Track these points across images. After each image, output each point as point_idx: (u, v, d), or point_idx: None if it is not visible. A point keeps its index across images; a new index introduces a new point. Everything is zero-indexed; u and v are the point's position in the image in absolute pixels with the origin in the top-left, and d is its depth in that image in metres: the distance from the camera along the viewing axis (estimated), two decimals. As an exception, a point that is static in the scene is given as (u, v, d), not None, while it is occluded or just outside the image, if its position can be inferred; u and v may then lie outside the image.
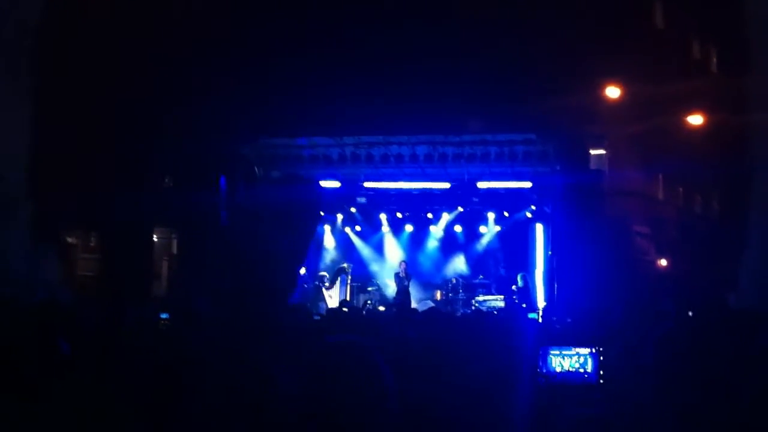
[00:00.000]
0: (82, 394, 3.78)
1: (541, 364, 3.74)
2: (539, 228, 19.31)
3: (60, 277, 16.00)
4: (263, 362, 3.86)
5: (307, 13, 16.74)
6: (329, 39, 16.43)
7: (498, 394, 3.26)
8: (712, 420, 2.90)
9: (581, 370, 3.79)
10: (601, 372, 3.77)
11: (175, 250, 20.59)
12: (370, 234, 21.41)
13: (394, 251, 21.17)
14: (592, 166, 18.56)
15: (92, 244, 19.59)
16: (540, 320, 12.83)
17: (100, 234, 18.92)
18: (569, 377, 3.78)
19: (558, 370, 3.78)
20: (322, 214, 20.54)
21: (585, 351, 3.80)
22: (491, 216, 20.35)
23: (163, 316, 8.03)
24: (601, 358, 3.76)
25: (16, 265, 14.47)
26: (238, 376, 3.64)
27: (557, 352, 3.78)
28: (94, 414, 3.70)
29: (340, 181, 19.44)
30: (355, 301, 19.46)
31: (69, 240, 18.80)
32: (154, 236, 19.63)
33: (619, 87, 18.99)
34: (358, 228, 21.38)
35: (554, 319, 12.55)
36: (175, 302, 13.68)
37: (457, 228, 20.78)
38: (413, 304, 18.54)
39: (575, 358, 3.81)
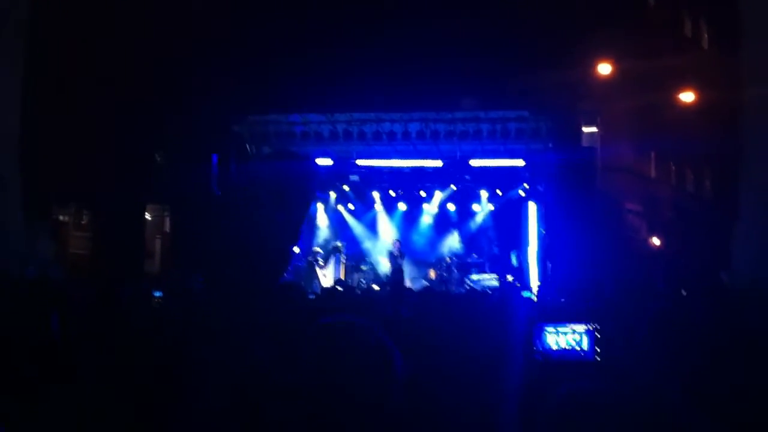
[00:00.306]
0: (73, 374, 3.77)
1: (536, 341, 3.74)
2: (532, 206, 19.31)
3: (52, 255, 15.96)
4: (257, 342, 3.84)
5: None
6: (321, 16, 16.33)
7: (494, 372, 3.26)
8: (709, 393, 2.90)
9: (577, 348, 3.80)
10: (597, 349, 3.77)
11: (168, 228, 20.56)
12: (363, 212, 21.39)
13: (387, 230, 21.16)
14: (585, 143, 18.55)
15: (84, 222, 19.54)
16: (535, 299, 12.85)
17: (92, 212, 18.87)
18: (565, 354, 3.79)
19: (554, 347, 3.78)
20: (315, 192, 20.49)
21: (581, 328, 3.80)
22: (484, 194, 20.33)
23: (157, 294, 8.01)
24: (597, 335, 3.76)
25: (8, 243, 14.42)
26: (231, 358, 3.62)
27: (553, 330, 3.78)
28: (85, 394, 3.69)
29: (333, 159, 19.38)
30: (349, 280, 19.46)
31: (61, 218, 18.74)
32: (147, 214, 19.58)
33: (611, 64, 18.96)
34: (351, 206, 21.35)
35: (548, 297, 12.58)
36: (168, 280, 13.69)
37: (450, 206, 20.77)
38: (407, 283, 18.56)
39: (571, 335, 3.82)
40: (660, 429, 2.04)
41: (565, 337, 3.81)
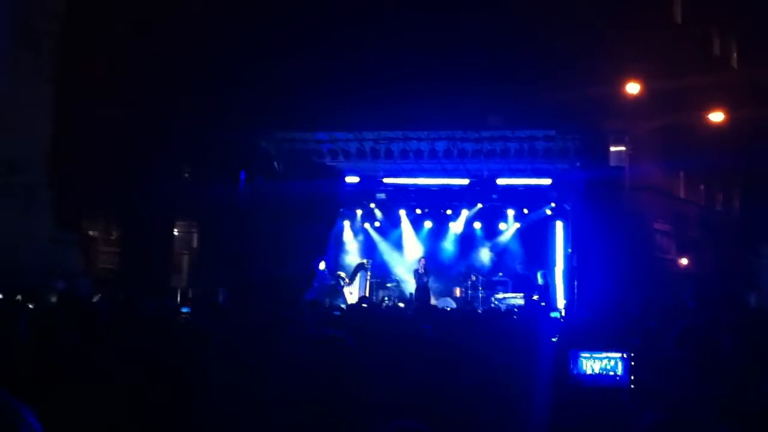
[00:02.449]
0: (96, 386, 3.79)
1: (571, 366, 3.72)
2: (559, 225, 19.21)
3: (80, 269, 16.09)
4: (278, 361, 3.84)
5: (328, 8, 16.74)
6: (350, 34, 16.42)
7: (525, 393, 3.24)
8: (738, 414, 2.87)
9: (611, 373, 3.78)
10: (632, 377, 3.75)
11: (195, 244, 20.68)
12: (390, 230, 21.39)
13: (413, 247, 21.14)
14: (613, 162, 18.43)
15: (112, 237, 19.71)
16: (562, 319, 12.75)
17: (120, 227, 19.03)
18: (599, 380, 3.77)
19: (588, 372, 3.76)
20: (339, 209, 20.56)
21: (616, 355, 3.79)
22: (510, 213, 20.26)
23: (184, 309, 8.06)
24: (632, 363, 3.75)
25: (37, 256, 14.56)
26: (254, 374, 3.63)
27: (588, 355, 3.76)
28: (109, 407, 3.71)
29: (359, 177, 19.42)
30: (374, 297, 19.44)
31: (90, 232, 18.91)
32: (175, 230, 19.72)
33: (640, 83, 18.87)
34: (377, 224, 21.37)
35: (575, 317, 12.48)
36: (196, 296, 13.75)
37: (477, 225, 20.72)
38: (432, 301, 18.51)
39: (605, 361, 3.80)
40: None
41: (600, 363, 3.79)
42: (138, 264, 17.04)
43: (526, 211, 19.97)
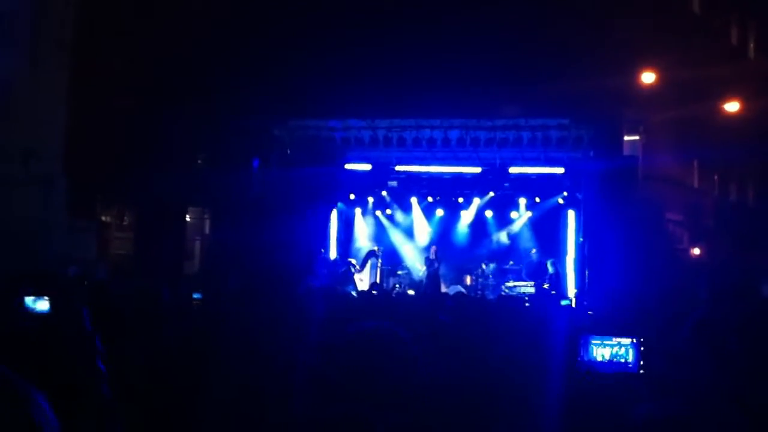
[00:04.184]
0: (110, 372, 3.82)
1: (582, 352, 3.73)
2: (571, 214, 19.16)
3: (95, 255, 16.21)
4: (289, 345, 3.86)
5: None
6: (364, 22, 16.38)
7: (535, 380, 3.26)
8: (752, 404, 2.86)
9: (622, 360, 3.78)
10: (642, 362, 3.75)
11: (207, 230, 20.78)
12: (401, 217, 21.40)
13: (424, 235, 21.15)
14: (626, 152, 18.37)
15: (126, 223, 19.83)
16: (573, 306, 12.74)
17: (134, 213, 19.14)
18: (610, 366, 3.77)
19: (599, 359, 3.77)
20: (352, 197, 20.61)
21: (626, 341, 3.79)
22: (522, 201, 20.22)
23: (196, 296, 8.09)
24: (642, 348, 3.75)
25: (51, 242, 14.67)
26: (263, 359, 3.64)
27: (599, 342, 3.77)
28: (122, 393, 3.74)
29: (372, 164, 19.43)
30: (385, 284, 19.48)
31: (104, 218, 19.03)
32: (187, 216, 19.80)
33: (655, 72, 18.78)
34: (389, 211, 21.37)
35: (586, 305, 12.47)
36: (207, 282, 13.82)
37: (488, 213, 20.69)
38: (443, 288, 18.53)
39: (616, 347, 3.81)
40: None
41: (611, 350, 3.80)
42: (151, 250, 17.13)
43: (538, 199, 19.92)
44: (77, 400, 3.39)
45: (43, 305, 4.31)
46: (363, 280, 19.69)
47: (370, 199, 21.07)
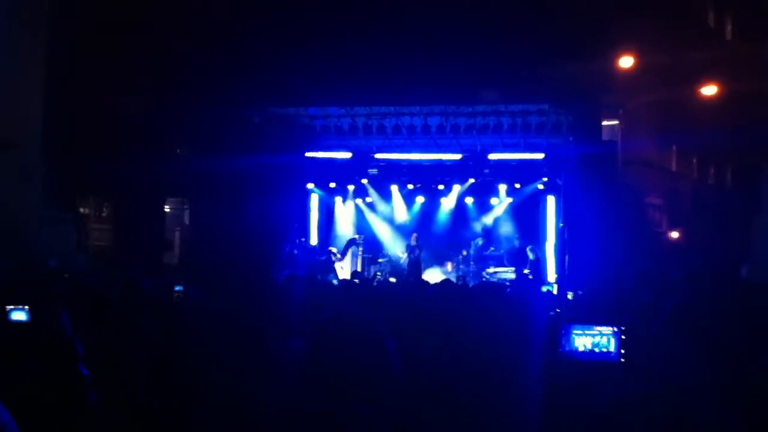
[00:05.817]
0: (91, 365, 3.79)
1: (563, 342, 3.75)
2: (551, 200, 19.23)
3: (74, 247, 16.07)
4: (267, 338, 3.84)
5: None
6: (342, 8, 16.31)
7: (515, 368, 3.27)
8: (727, 393, 2.88)
9: (604, 349, 3.81)
10: (623, 351, 3.78)
11: (187, 220, 20.67)
12: (381, 205, 21.38)
13: (404, 222, 21.15)
14: (605, 136, 18.45)
15: (105, 214, 19.68)
16: (554, 292, 12.79)
17: (112, 204, 19.00)
18: (590, 356, 3.79)
19: (580, 348, 3.79)
20: (332, 185, 20.58)
21: (607, 330, 3.81)
22: (503, 188, 20.25)
23: (177, 288, 8.02)
24: (623, 337, 3.77)
25: (30, 234, 14.53)
26: (241, 352, 3.62)
27: (580, 331, 3.79)
28: (104, 387, 3.71)
29: (352, 152, 19.40)
30: (366, 273, 19.49)
31: (82, 210, 18.88)
32: (166, 206, 19.69)
33: (633, 56, 18.81)
34: (369, 199, 21.35)
35: (566, 291, 12.52)
36: (188, 274, 13.76)
37: (469, 200, 20.71)
38: (424, 276, 18.56)
39: (597, 337, 3.83)
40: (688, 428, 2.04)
41: (592, 339, 3.82)
42: (131, 241, 17.03)
43: (518, 185, 19.95)
44: (62, 410, 3.37)
45: (19, 315, 4.24)
46: (344, 269, 19.68)
47: (351, 187, 21.03)
